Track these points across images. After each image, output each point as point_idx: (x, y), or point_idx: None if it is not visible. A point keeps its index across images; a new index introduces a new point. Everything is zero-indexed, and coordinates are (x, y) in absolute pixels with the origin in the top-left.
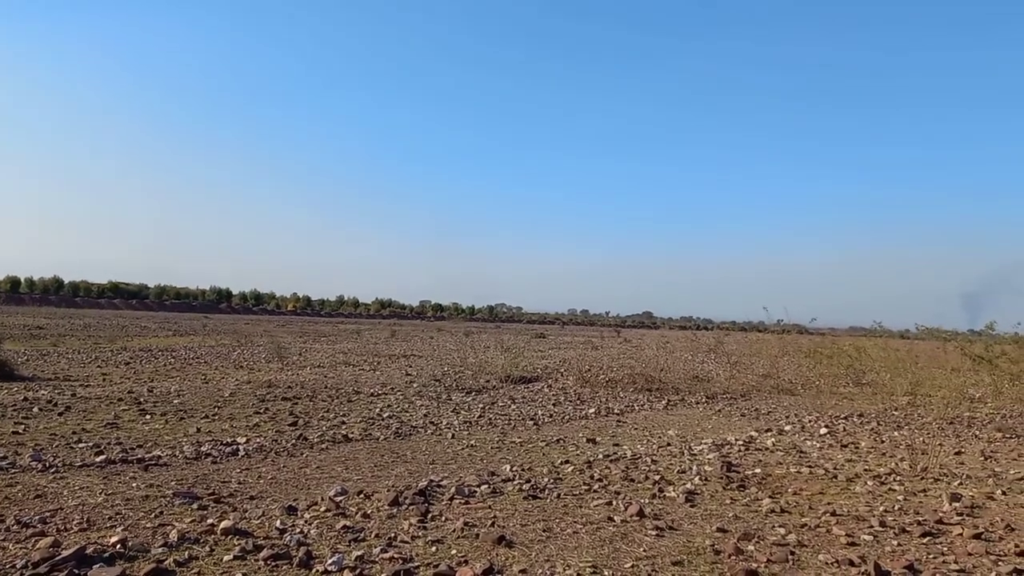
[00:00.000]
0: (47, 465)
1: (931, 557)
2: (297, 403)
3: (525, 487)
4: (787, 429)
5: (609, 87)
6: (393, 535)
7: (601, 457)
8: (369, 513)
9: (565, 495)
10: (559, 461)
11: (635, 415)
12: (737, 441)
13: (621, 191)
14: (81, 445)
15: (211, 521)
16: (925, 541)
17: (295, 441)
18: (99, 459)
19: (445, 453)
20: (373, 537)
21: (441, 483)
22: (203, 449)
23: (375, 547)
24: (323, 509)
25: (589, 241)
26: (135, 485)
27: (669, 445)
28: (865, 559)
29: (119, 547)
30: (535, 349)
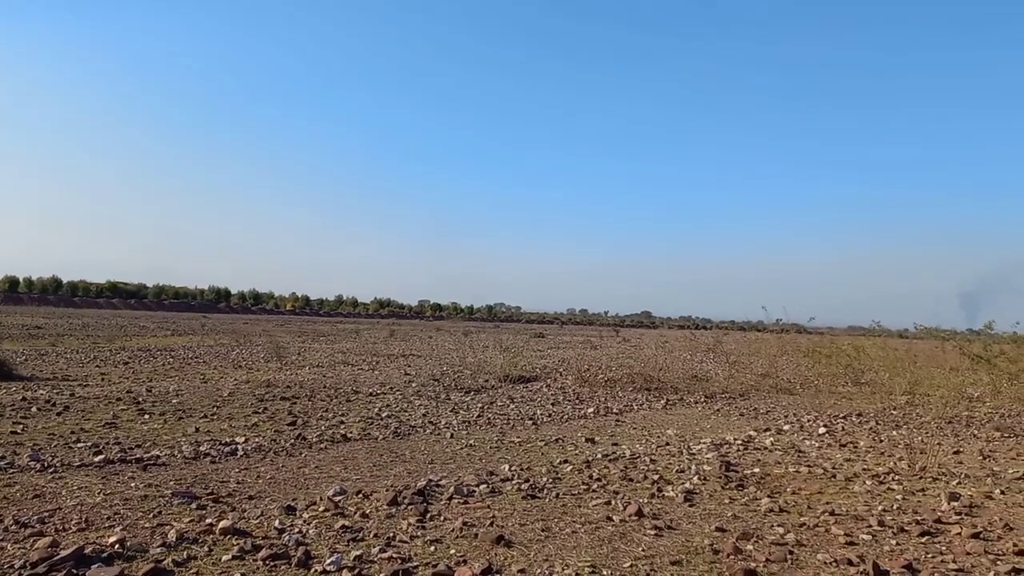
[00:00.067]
0: (45, 465)
1: (929, 556)
2: (296, 403)
3: (524, 487)
4: (786, 428)
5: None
6: (392, 535)
7: (600, 457)
8: (368, 513)
9: (564, 495)
10: (558, 461)
11: (634, 415)
12: (736, 440)
13: (621, 191)
14: (79, 445)
15: (210, 521)
16: (923, 540)
17: (294, 441)
18: (97, 459)
19: (444, 453)
20: (372, 537)
21: (440, 483)
22: (202, 449)
23: (374, 547)
24: (322, 509)
25: (588, 241)
26: (134, 485)
27: (668, 444)
28: (863, 558)
29: (117, 547)
30: (534, 349)
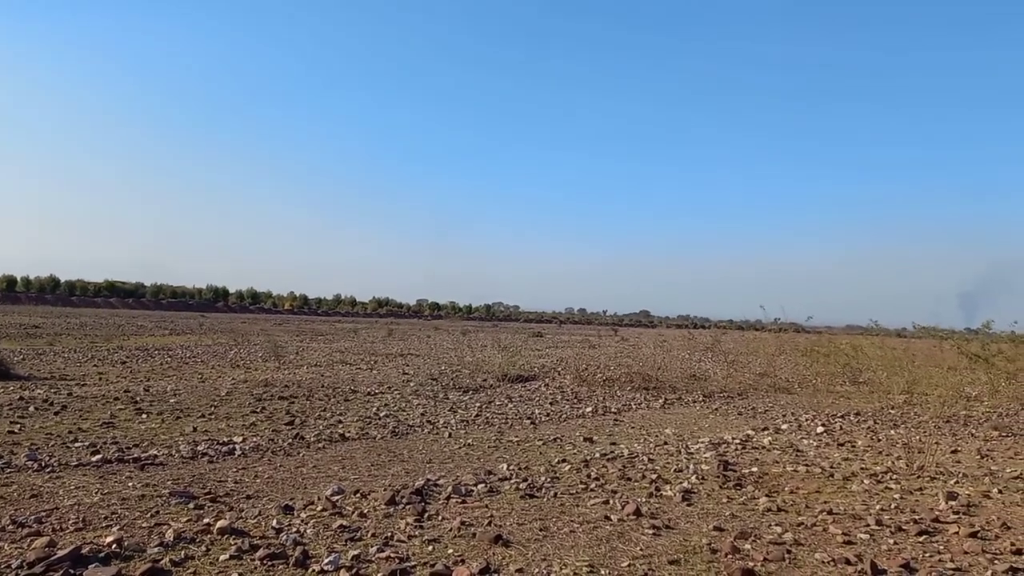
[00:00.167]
0: (43, 465)
1: (927, 555)
2: (294, 402)
3: (522, 486)
4: (784, 428)
5: (609, 87)
6: (390, 534)
7: (598, 456)
8: (366, 512)
9: (562, 494)
10: (556, 460)
11: (632, 414)
12: (734, 440)
13: (621, 191)
14: (77, 444)
15: (207, 521)
16: (921, 540)
17: (292, 440)
18: (95, 458)
19: (442, 452)
20: (370, 536)
21: (438, 482)
22: (199, 448)
23: (372, 546)
24: (320, 508)
25: (588, 240)
26: (131, 485)
27: (666, 444)
28: (861, 558)
29: (115, 547)
30: (532, 348)
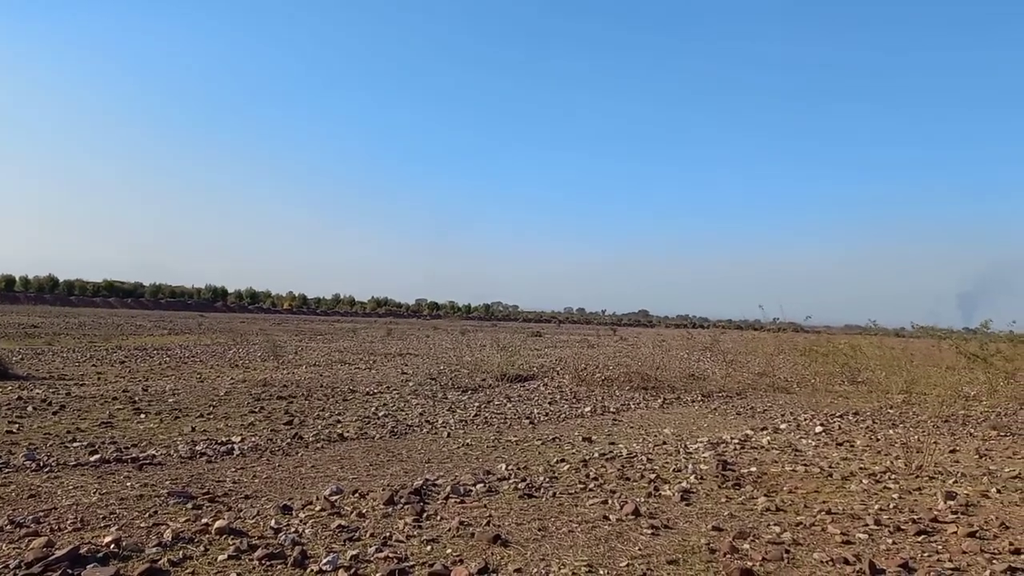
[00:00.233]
0: (41, 464)
1: (926, 555)
2: (292, 402)
3: (521, 486)
4: (783, 427)
5: (609, 87)
6: (388, 534)
7: (597, 456)
8: (364, 512)
9: (561, 494)
10: (555, 460)
11: (631, 413)
12: (733, 439)
13: (620, 191)
14: (75, 444)
15: (205, 521)
16: (920, 539)
17: (290, 440)
18: (93, 458)
19: (441, 452)
20: (368, 536)
21: (437, 482)
22: (198, 448)
23: (370, 546)
24: (318, 508)
25: (587, 240)
26: (129, 484)
27: (665, 444)
28: (860, 557)
29: (113, 547)
30: (531, 347)
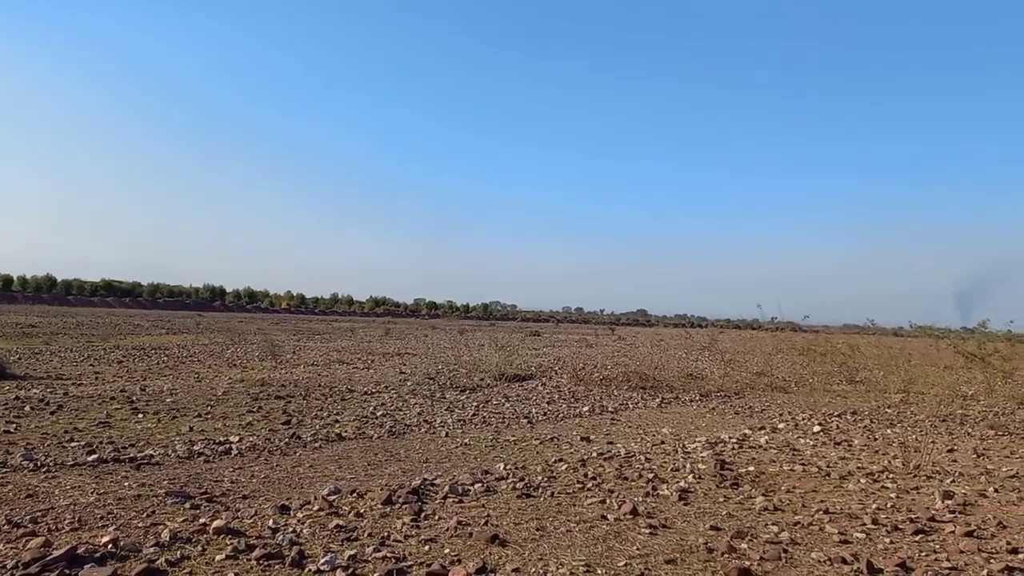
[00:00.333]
0: (38, 464)
1: (923, 555)
2: (290, 401)
3: (519, 485)
4: (780, 427)
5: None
6: (386, 534)
7: (595, 455)
8: (362, 512)
9: (559, 493)
10: (553, 459)
11: (629, 413)
12: (731, 439)
13: (620, 191)
14: (73, 444)
15: (203, 520)
16: (917, 539)
17: (288, 440)
18: (91, 458)
19: (439, 452)
20: (366, 536)
21: (435, 482)
22: (196, 448)
23: (368, 546)
24: (316, 508)
25: (586, 240)
26: (127, 484)
27: (663, 443)
28: (858, 557)
29: (110, 547)
30: (529, 347)
